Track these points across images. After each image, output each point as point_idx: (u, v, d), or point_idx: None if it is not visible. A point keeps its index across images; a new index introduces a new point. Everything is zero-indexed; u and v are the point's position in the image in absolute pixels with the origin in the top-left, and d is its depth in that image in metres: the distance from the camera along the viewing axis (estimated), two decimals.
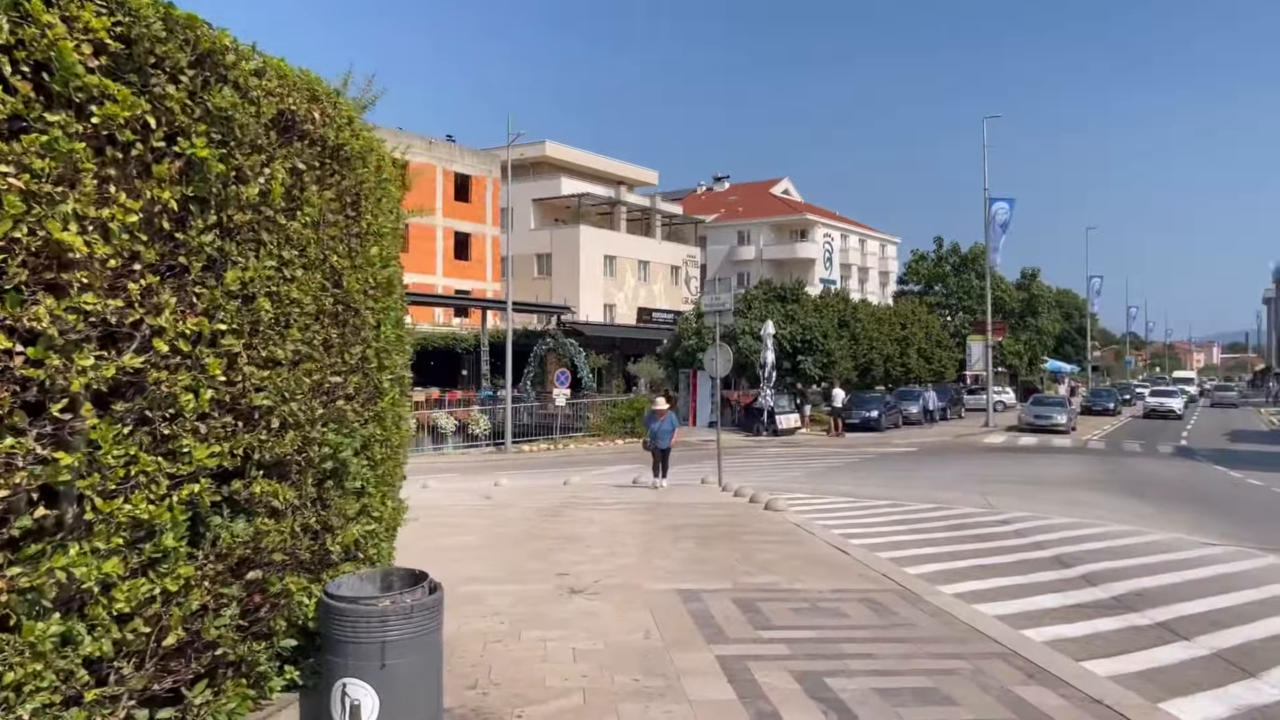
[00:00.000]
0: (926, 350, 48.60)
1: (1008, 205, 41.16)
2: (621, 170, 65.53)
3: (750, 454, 29.06)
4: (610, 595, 8.22)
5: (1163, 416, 50.06)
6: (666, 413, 18.12)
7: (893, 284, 79.08)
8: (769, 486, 19.81)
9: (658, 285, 62.10)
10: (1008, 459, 27.25)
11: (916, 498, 18.00)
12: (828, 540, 11.29)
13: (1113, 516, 16.03)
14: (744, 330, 36.73)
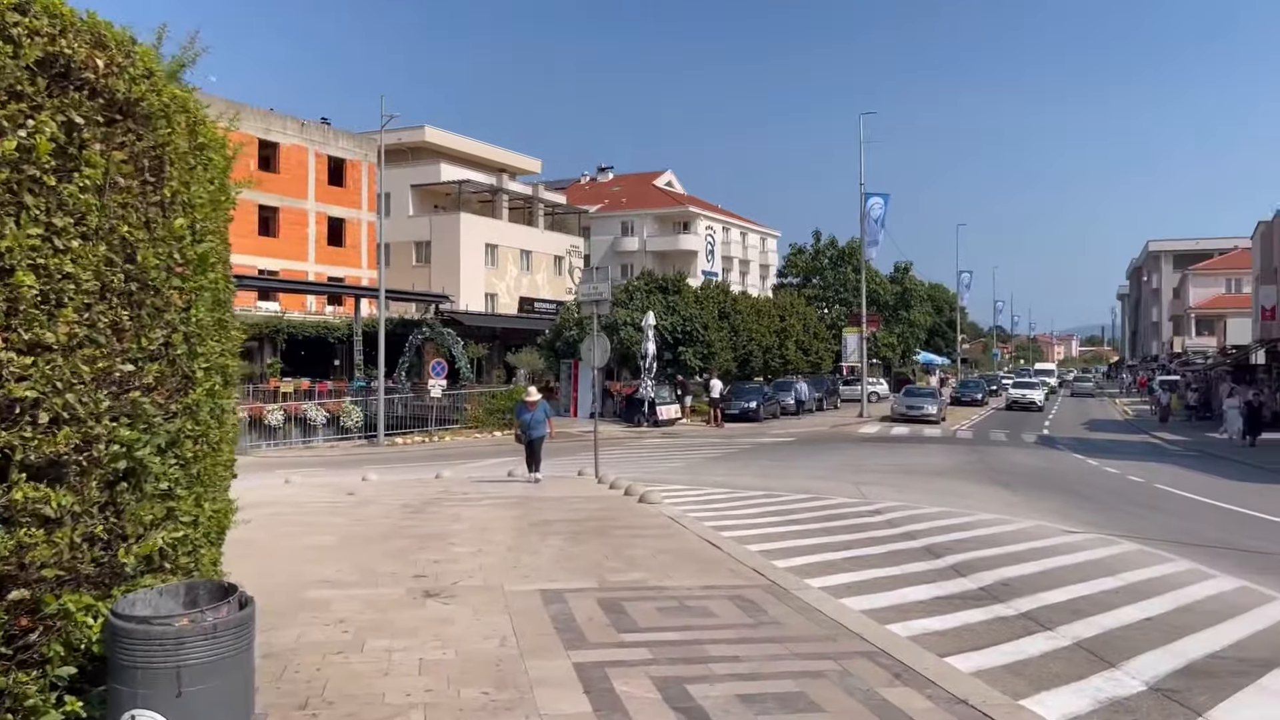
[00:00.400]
0: (804, 342, 49.33)
1: (883, 200, 42.02)
2: (503, 158, 64.47)
3: (631, 445, 28.82)
4: (468, 598, 7.75)
5: (1024, 408, 50.41)
6: (538, 403, 17.48)
7: (773, 277, 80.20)
8: (647, 478, 19.56)
9: (541, 275, 61.39)
10: (881, 449, 27.71)
11: (791, 488, 18.01)
12: (700, 534, 11.03)
13: (981, 505, 16.31)
14: (625, 321, 36.50)
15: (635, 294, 38.11)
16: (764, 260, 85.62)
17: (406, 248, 55.96)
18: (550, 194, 67.73)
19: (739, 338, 41.67)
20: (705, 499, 15.89)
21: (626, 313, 36.79)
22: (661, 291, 38.41)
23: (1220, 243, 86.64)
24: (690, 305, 38.06)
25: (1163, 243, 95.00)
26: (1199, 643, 7.66)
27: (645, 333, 34.82)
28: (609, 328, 36.64)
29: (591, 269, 19.71)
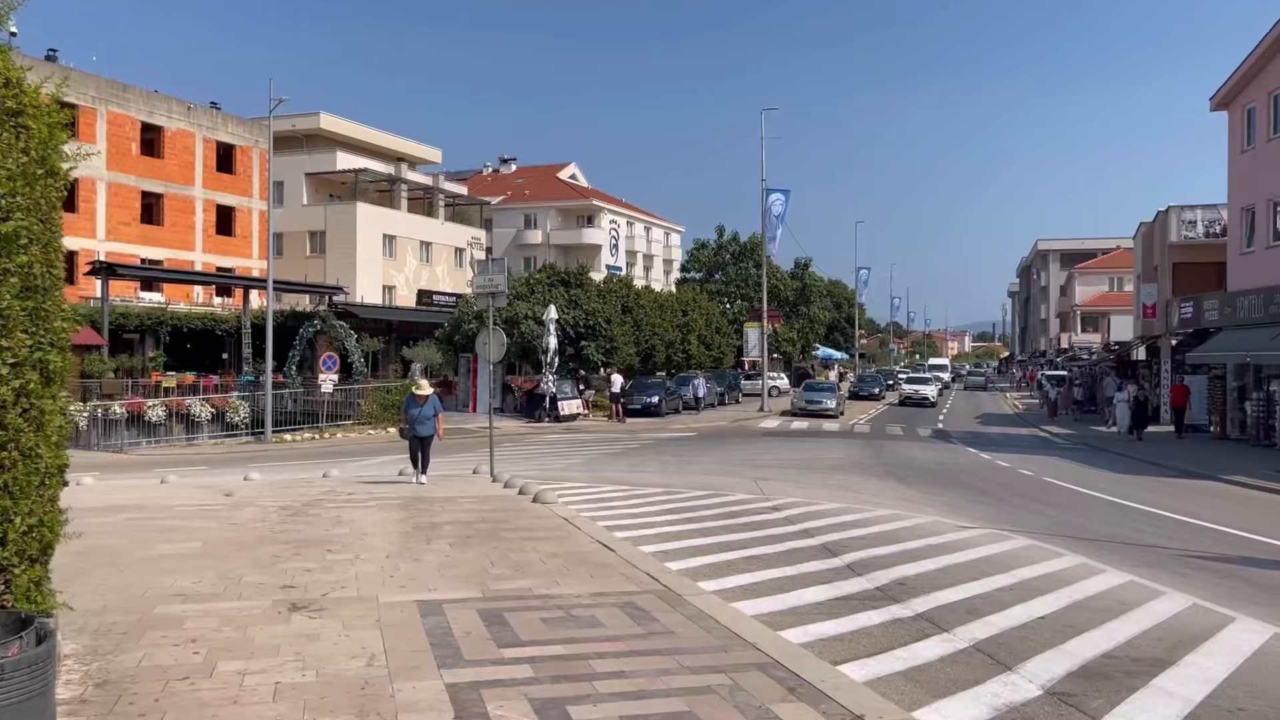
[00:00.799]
0: (707, 336, 49.41)
1: (783, 196, 42.27)
2: (402, 147, 62.91)
3: (530, 441, 28.29)
4: (339, 611, 7.19)
5: (917, 404, 50.32)
6: (429, 398, 16.38)
7: (676, 272, 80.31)
8: (545, 475, 19.09)
9: (441, 267, 60.18)
10: (781, 444, 27.76)
11: (691, 485, 17.76)
12: (594, 535, 10.63)
13: (878, 500, 16.31)
14: (526, 315, 35.89)
15: (537, 287, 37.52)
16: (668, 255, 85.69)
17: (300, 238, 54.18)
18: (451, 185, 66.43)
19: (642, 332, 41.44)
20: (602, 497, 15.50)
21: (528, 306, 36.17)
22: (564, 285, 37.89)
23: (1104, 243, 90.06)
24: (593, 299, 37.65)
25: (1051, 242, 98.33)
26: (1092, 642, 7.58)
27: (547, 327, 34.29)
28: (509, 321, 35.98)
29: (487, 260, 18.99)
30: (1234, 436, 29.72)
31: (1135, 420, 29.88)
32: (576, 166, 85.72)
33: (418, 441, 16.17)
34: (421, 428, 16.10)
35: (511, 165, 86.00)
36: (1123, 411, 30.57)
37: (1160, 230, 37.30)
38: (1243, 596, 9.65)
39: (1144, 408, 30.17)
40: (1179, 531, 14.13)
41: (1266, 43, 27.38)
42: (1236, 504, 17.76)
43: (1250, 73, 28.73)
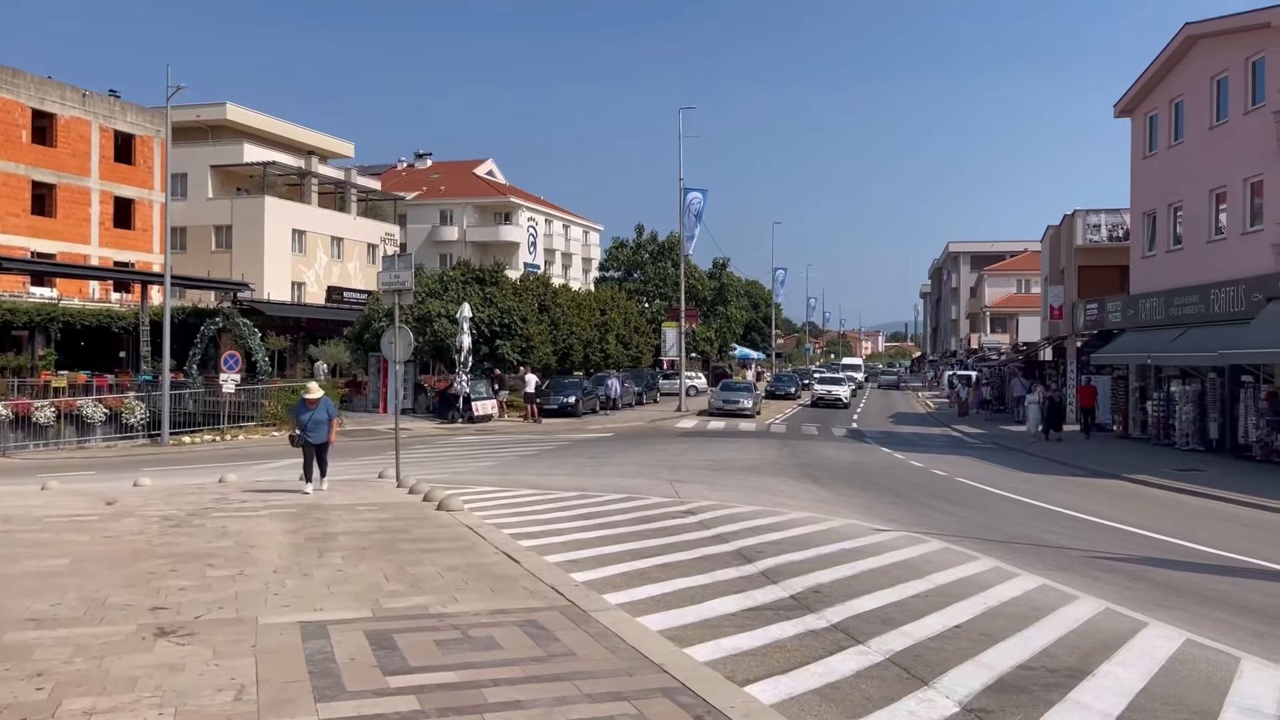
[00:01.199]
0: (625, 336, 49.08)
1: (701, 196, 42.16)
2: (313, 140, 61.21)
3: (442, 443, 27.57)
4: (212, 635, 6.59)
5: (830, 405, 48.39)
6: (320, 400, 15.16)
7: (595, 270, 79.86)
8: (455, 479, 18.51)
9: (353, 263, 58.75)
10: (697, 444, 27.54)
11: (606, 487, 17.37)
12: (499, 545, 10.15)
13: (793, 502, 16.13)
14: (439, 313, 35.08)
15: (451, 285, 36.70)
16: (586, 254, 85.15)
17: (205, 232, 52.32)
18: (364, 179, 64.92)
19: (559, 331, 40.89)
20: (513, 502, 15.00)
21: (441, 304, 35.36)
22: (478, 283, 37.15)
23: (1012, 246, 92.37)
24: (508, 297, 36.99)
25: (962, 244, 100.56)
26: (1008, 652, 7.38)
27: (460, 325, 33.54)
28: (422, 320, 35.12)
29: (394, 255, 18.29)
30: (1136, 435, 30.47)
31: (1049, 420, 30.15)
32: (494, 163, 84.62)
33: (311, 449, 14.98)
34: (314, 434, 14.91)
35: (427, 160, 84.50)
36: (1034, 413, 30.65)
37: (1066, 234, 38.16)
38: (1152, 599, 9.62)
39: (1058, 408, 30.53)
40: (1087, 531, 14.22)
41: (1168, 52, 28.11)
42: (1139, 502, 18.06)
43: (1153, 81, 29.47)
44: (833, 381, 53.79)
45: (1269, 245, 23.22)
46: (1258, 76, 24.37)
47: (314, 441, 14.95)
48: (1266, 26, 23.14)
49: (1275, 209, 23.22)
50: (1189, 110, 27.69)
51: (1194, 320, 26.52)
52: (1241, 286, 24.18)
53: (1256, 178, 24.22)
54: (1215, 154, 26.11)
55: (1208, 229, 26.58)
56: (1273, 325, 22.17)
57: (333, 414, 15.36)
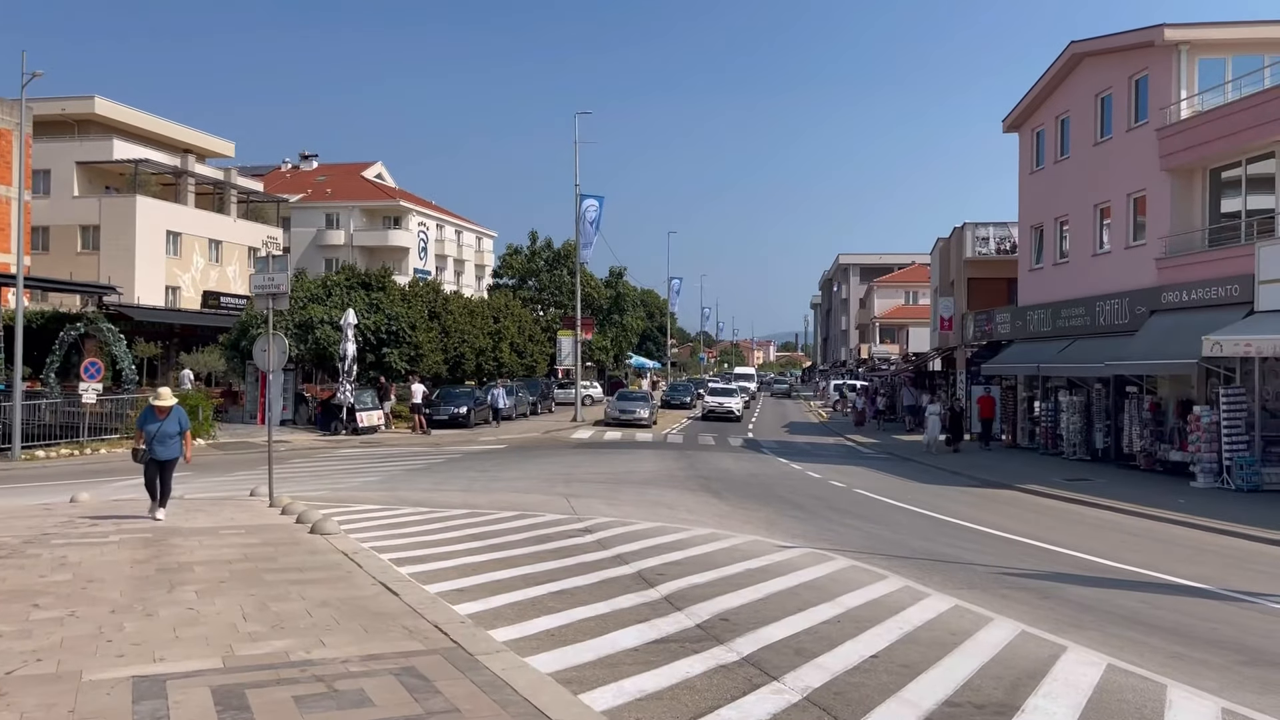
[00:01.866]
0: (519, 344, 48.04)
1: (598, 203, 41.53)
2: (191, 138, 58.36)
3: (323, 456, 26.17)
4: (21, 698, 5.54)
5: (722, 418, 45.35)
6: (171, 410, 13.15)
7: (488, 277, 78.49)
8: (336, 496, 17.38)
9: (232, 267, 56.15)
10: (593, 456, 26.80)
11: (498, 504, 16.49)
12: (378, 575, 9.22)
13: (693, 518, 15.54)
14: (322, 319, 33.52)
15: (334, 290, 35.14)
16: (480, 260, 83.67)
17: (71, 232, 49.25)
18: (246, 180, 62.18)
19: (450, 339, 39.65)
20: (396, 523, 14.00)
21: (324, 310, 33.80)
22: (364, 288, 35.67)
23: (901, 258, 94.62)
24: (396, 304, 35.61)
25: (852, 256, 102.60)
26: (931, 686, 6.85)
27: (345, 332, 32.07)
28: (303, 326, 33.50)
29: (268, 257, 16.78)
30: (1025, 445, 31.01)
31: (951, 431, 30.21)
32: (383, 166, 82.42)
33: (156, 466, 13.00)
34: (162, 448, 12.91)
35: (313, 162, 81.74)
36: (934, 423, 30.50)
37: (956, 246, 38.81)
38: (1066, 620, 9.29)
39: (959, 419, 30.52)
40: (989, 545, 14.01)
41: (1054, 69, 28.72)
42: (1034, 513, 18.08)
43: (1039, 98, 30.10)
44: (724, 393, 50.02)
45: (1151, 260, 23.78)
46: (1141, 94, 25.01)
47: (161, 458, 12.99)
48: (1150, 45, 23.73)
49: (1158, 224, 23.80)
50: (1074, 126, 28.32)
51: (1080, 332, 27.07)
52: (1125, 299, 24.73)
53: (1140, 193, 24.82)
54: (1100, 170, 26.72)
55: (1093, 243, 27.18)
56: (1155, 337, 22.68)
57: (185, 426, 13.31)
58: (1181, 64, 23.21)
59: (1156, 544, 14.78)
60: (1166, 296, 22.94)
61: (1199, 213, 23.07)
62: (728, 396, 48.05)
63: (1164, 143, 23.25)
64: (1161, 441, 23.32)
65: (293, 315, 33.48)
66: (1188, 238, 23.10)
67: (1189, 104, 23.27)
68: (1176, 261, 22.84)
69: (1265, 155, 21.08)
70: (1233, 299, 20.65)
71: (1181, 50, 23.17)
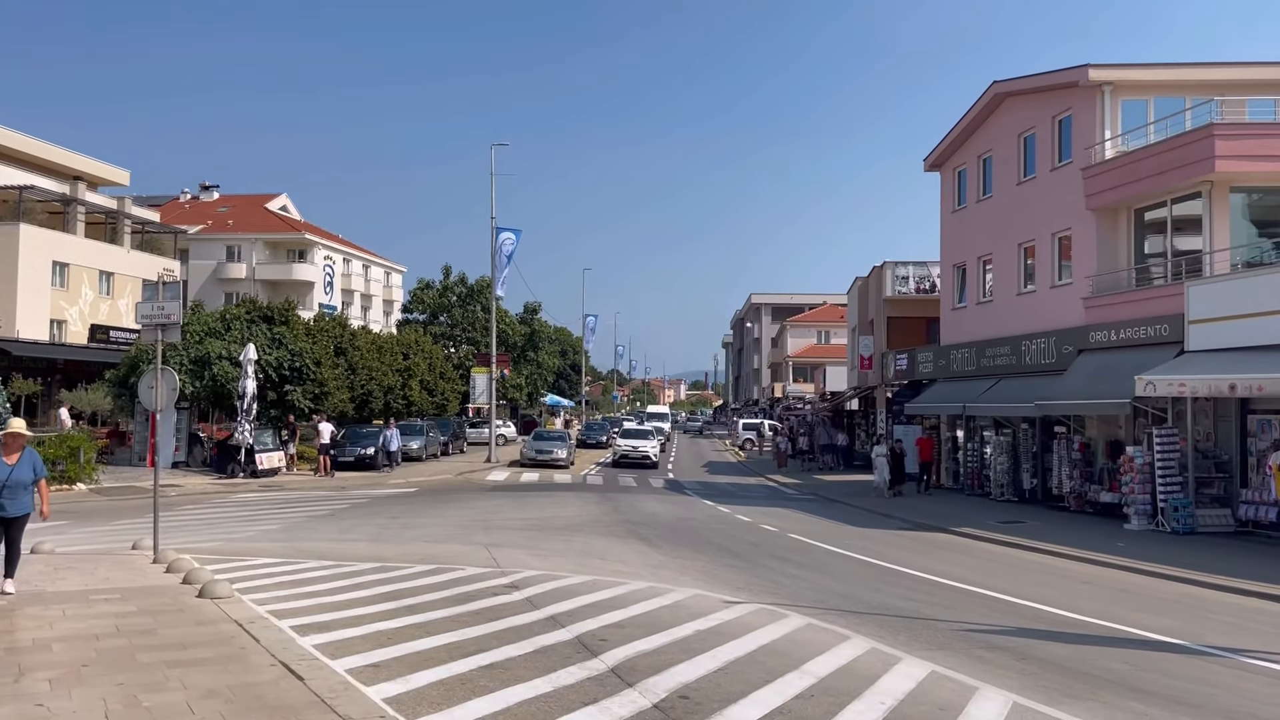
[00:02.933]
0: (430, 382, 46.33)
1: (514, 236, 40.33)
2: (82, 165, 55.32)
3: (219, 502, 24.25)
4: None
5: (637, 464, 39.96)
6: (23, 455, 10.36)
7: (397, 313, 76.40)
8: (232, 548, 15.74)
9: (125, 300, 53.11)
10: (513, 500, 25.42)
11: (412, 556, 15.09)
12: (278, 652, 7.85)
13: (627, 569, 14.40)
14: (220, 354, 31.49)
15: (234, 323, 33.13)
16: (388, 296, 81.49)
17: None
18: (141, 210, 59.26)
19: (358, 376, 37.83)
20: (300, 579, 12.52)
21: (222, 344, 31.79)
22: (266, 321, 33.74)
23: (812, 298, 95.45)
24: (300, 338, 33.75)
25: (764, 296, 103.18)
26: None
27: (244, 368, 30.13)
28: (200, 362, 31.43)
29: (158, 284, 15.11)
30: (949, 486, 30.67)
31: (892, 474, 28.20)
32: (288, 198, 79.88)
33: (1, 525, 10.18)
34: (10, 503, 10.13)
35: (213, 193, 78.75)
36: (881, 465, 28.36)
37: (875, 285, 38.71)
38: (1056, 688, 8.43)
39: (900, 461, 28.79)
40: (944, 596, 13.20)
41: (977, 109, 28.78)
42: (977, 559, 17.43)
43: (961, 137, 30.15)
44: (638, 435, 43.93)
45: (1078, 299, 23.68)
46: (1064, 134, 25.07)
47: (9, 514, 10.13)
48: (1074, 86, 23.80)
49: (1084, 263, 23.74)
50: (997, 166, 28.36)
51: (1005, 371, 26.88)
52: (1053, 338, 24.58)
53: (1065, 232, 24.80)
54: (1024, 209, 26.71)
55: (1018, 282, 27.10)
56: (1085, 376, 22.49)
57: (41, 474, 10.56)
58: (1105, 104, 23.31)
59: (1110, 592, 14.20)
60: (1095, 336, 22.80)
61: (1125, 252, 23.08)
62: (642, 439, 42.30)
63: (1089, 182, 23.25)
64: (1091, 482, 23.08)
65: (187, 350, 31.42)
66: (1114, 277, 23.06)
67: (1113, 144, 23.34)
68: (1104, 301, 22.75)
69: (1191, 195, 21.15)
70: (1162, 338, 20.54)
71: (1105, 90, 23.27)
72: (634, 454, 40.15)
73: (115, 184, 59.76)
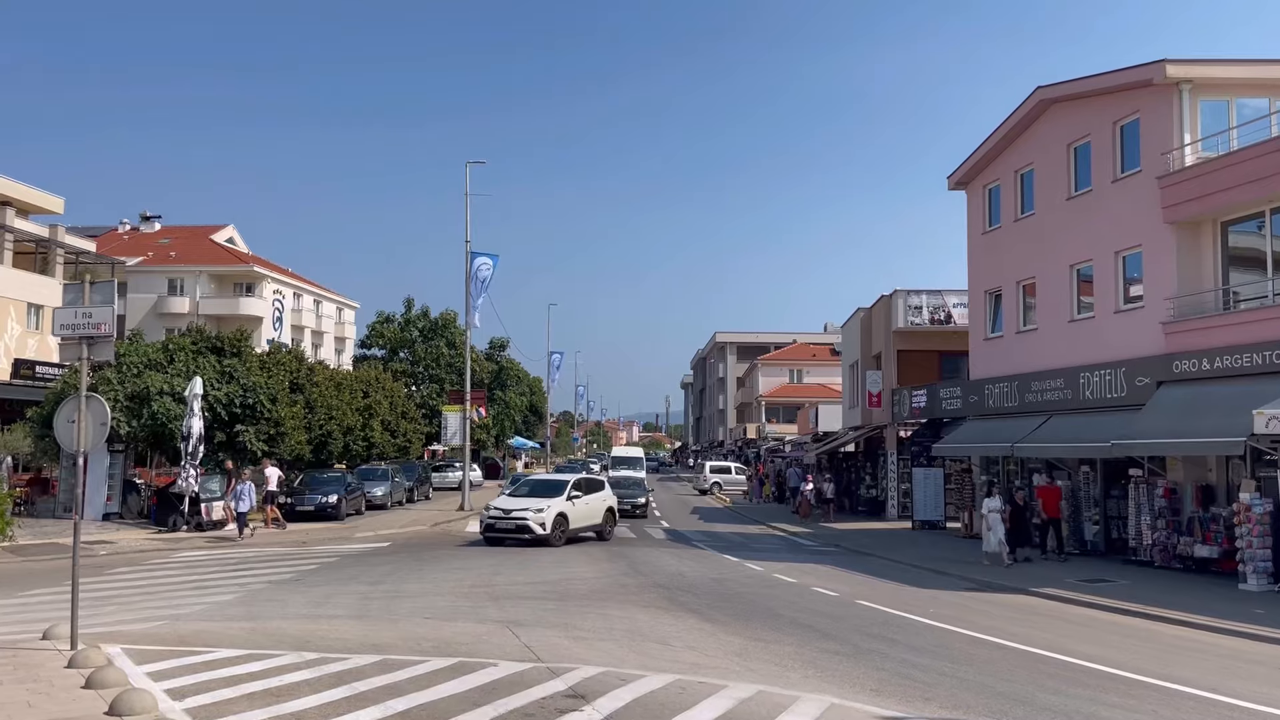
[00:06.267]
0: (391, 422, 42.52)
1: (491, 261, 36.93)
2: (9, 189, 50.83)
3: (159, 562, 20.35)
4: None
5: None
6: None
7: (349, 351, 72.32)
8: (175, 632, 12.11)
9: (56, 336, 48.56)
10: (507, 557, 21.79)
11: (413, 641, 11.60)
12: None
13: (708, 661, 11.01)
14: (162, 389, 27.57)
15: (178, 355, 29.25)
16: (340, 333, 77.18)
17: None
18: (75, 239, 54.84)
19: (316, 415, 34.02)
20: (278, 689, 8.95)
21: (164, 378, 27.88)
22: (215, 353, 29.90)
23: (779, 336, 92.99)
24: (254, 372, 29.92)
25: (729, 334, 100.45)
26: None
27: (190, 405, 26.23)
28: (138, 398, 27.45)
29: (81, 284, 11.84)
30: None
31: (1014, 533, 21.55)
32: (235, 230, 75.60)
33: None
34: None
35: (155, 224, 74.16)
36: (996, 524, 21.37)
37: (883, 316, 35.92)
38: None
39: (1022, 517, 22.12)
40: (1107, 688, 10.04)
41: (1016, 119, 26.20)
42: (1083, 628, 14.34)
43: (995, 150, 27.54)
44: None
45: (1154, 324, 20.91)
46: (1127, 141, 22.48)
47: None
48: (1146, 85, 21.21)
49: (1160, 284, 21.02)
50: (1040, 180, 25.72)
51: (1057, 407, 24.03)
52: (1120, 369, 21.77)
53: (1132, 250, 22.12)
54: (1076, 226, 24.03)
55: (1070, 307, 24.33)
56: (1170, 412, 19.64)
57: None
58: (1184, 105, 20.74)
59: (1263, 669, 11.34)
60: (1180, 365, 20.00)
61: (1210, 270, 20.40)
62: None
63: (1167, 192, 20.60)
64: (1179, 533, 20.14)
65: (124, 384, 27.46)
66: (1198, 299, 20.33)
67: (1192, 149, 20.75)
68: (1190, 325, 19.99)
69: None
70: (1274, 367, 17.75)
71: (1184, 90, 20.72)
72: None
73: (48, 211, 55.20)
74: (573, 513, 25.08)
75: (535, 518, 24.14)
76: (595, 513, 26.28)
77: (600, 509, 26.50)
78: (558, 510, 24.60)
